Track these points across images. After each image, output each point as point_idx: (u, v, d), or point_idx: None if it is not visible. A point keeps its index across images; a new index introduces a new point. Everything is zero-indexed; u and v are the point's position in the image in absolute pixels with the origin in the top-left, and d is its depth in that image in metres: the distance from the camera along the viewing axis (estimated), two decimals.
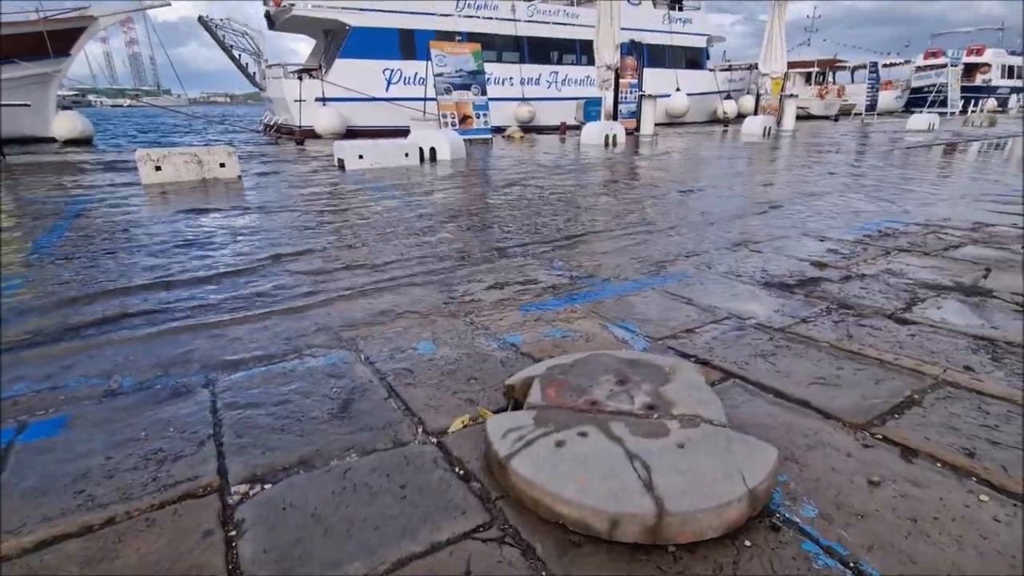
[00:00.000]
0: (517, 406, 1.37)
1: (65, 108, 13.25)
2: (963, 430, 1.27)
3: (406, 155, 7.34)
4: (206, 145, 8.47)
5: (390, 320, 2.02)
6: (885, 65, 28.66)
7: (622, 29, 11.59)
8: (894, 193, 4.70)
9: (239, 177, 6.10)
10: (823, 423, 1.32)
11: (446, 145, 8.13)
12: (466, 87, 11.75)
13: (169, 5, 14.27)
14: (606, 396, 1.25)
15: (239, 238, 3.28)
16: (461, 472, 1.15)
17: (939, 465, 1.15)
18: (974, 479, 1.10)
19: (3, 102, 9.60)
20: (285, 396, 1.49)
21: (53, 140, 12.87)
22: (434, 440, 1.28)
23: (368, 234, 3.38)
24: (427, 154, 8.07)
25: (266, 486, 1.12)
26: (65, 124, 12.63)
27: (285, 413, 1.41)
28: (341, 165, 7.07)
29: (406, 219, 3.81)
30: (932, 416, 1.33)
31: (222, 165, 6.11)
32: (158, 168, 5.79)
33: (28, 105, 10.69)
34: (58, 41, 12.29)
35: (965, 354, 1.67)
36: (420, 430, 1.33)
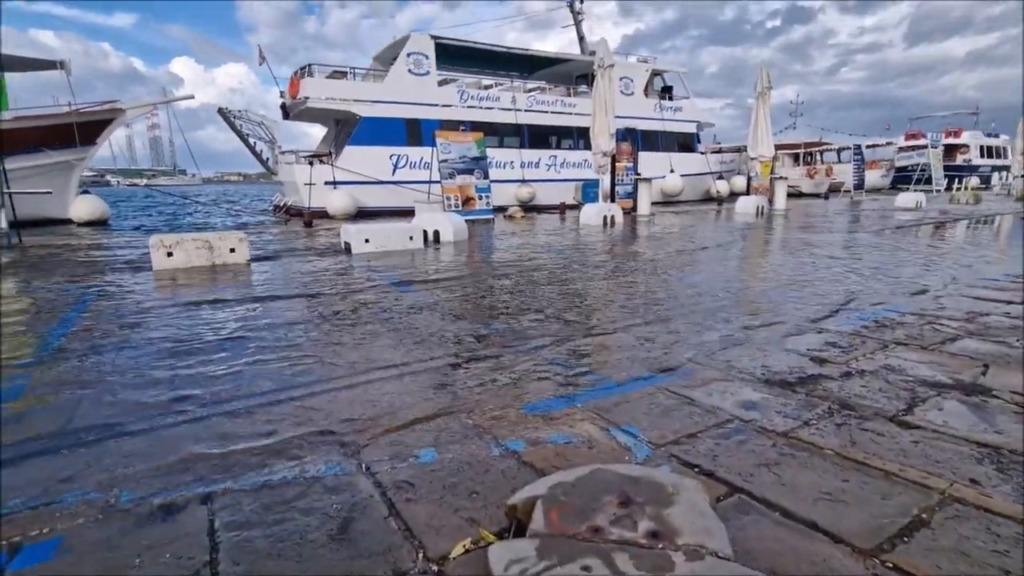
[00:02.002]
0: (520, 527, 1.35)
1: (84, 191, 13.81)
2: (974, 556, 1.24)
3: (411, 238, 7.57)
4: (218, 230, 8.75)
5: (391, 421, 2.02)
6: (869, 146, 30.10)
7: (617, 117, 12.30)
8: (888, 279, 4.80)
9: (248, 263, 6.27)
10: (832, 548, 1.29)
11: (449, 228, 8.41)
12: (469, 171, 12.32)
13: (192, 98, 15.29)
14: (609, 522, 1.23)
15: (237, 337, 3.34)
16: None
17: None
18: None
19: (26, 190, 10.03)
20: (283, 513, 1.47)
21: (70, 222, 13.34)
22: (435, 568, 1.25)
23: (370, 326, 3.43)
24: (431, 236, 8.33)
25: None
26: (83, 207, 13.14)
27: (284, 534, 1.39)
28: (347, 248, 7.28)
29: (407, 310, 3.88)
30: (942, 539, 1.31)
31: (232, 250, 6.29)
32: (170, 254, 5.96)
33: (50, 193, 11.17)
34: (86, 132, 13.05)
35: (970, 464, 1.66)
36: (421, 555, 1.30)
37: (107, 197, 16.13)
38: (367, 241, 7.20)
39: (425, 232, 8.21)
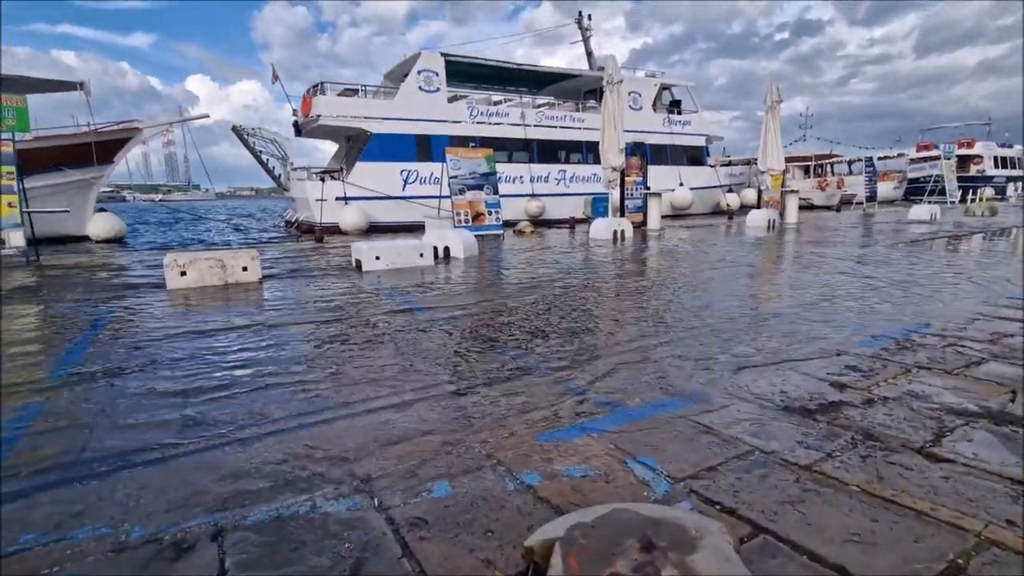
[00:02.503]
0: (537, 570, 1.30)
1: (101, 209, 14.07)
2: None
3: (421, 255, 7.59)
4: (231, 248, 8.82)
5: (403, 452, 1.99)
6: (880, 158, 29.90)
7: (626, 131, 12.34)
8: (906, 296, 4.71)
9: (260, 281, 6.31)
10: None
11: (459, 244, 8.43)
12: (479, 187, 12.38)
13: (207, 117, 15.57)
14: (631, 568, 1.19)
15: (249, 364, 3.34)
16: None
17: None
18: None
19: (44, 209, 10.22)
20: (294, 552, 1.44)
21: (88, 239, 13.57)
22: None
23: (380, 351, 3.42)
24: (441, 253, 8.36)
25: None
26: (101, 225, 13.37)
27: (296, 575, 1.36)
28: (358, 266, 7.31)
29: (417, 333, 3.87)
30: None
31: (244, 269, 6.33)
32: (183, 273, 6.01)
33: (68, 211, 11.38)
34: (104, 150, 13.31)
35: (1005, 502, 1.59)
36: None
37: (123, 212, 16.43)
38: (377, 259, 7.22)
39: (435, 248, 8.23)
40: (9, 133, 8.29)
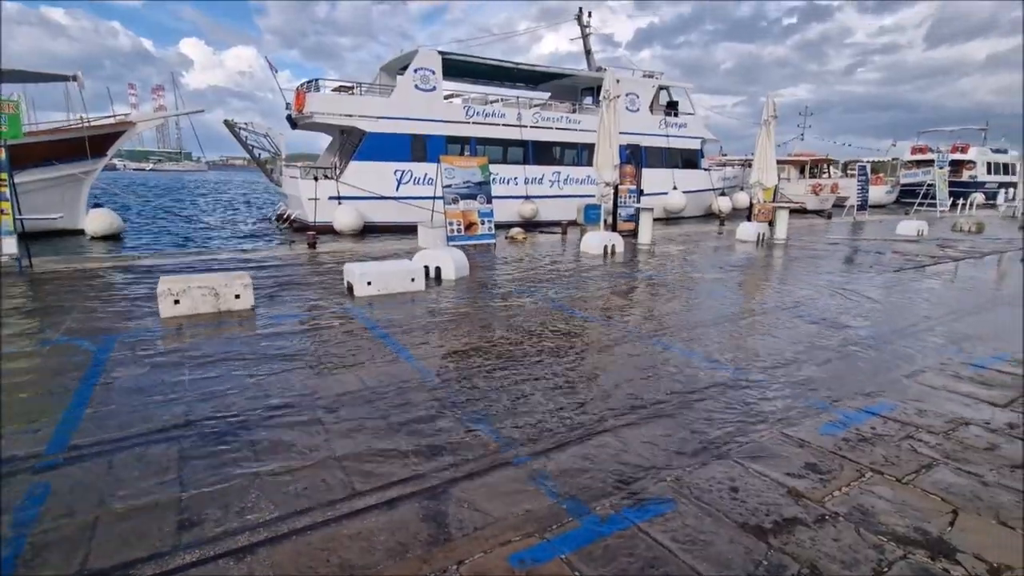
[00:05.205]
0: None
1: (96, 204, 13.98)
2: None
3: (412, 280, 7.70)
4: (225, 270, 8.87)
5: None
6: (873, 161, 30.13)
7: (622, 133, 12.40)
8: (877, 363, 4.91)
9: (253, 309, 6.41)
10: None
11: (451, 264, 8.55)
12: (472, 196, 12.40)
13: (202, 112, 15.42)
14: None
15: (240, 431, 3.46)
16: None
17: None
18: None
19: (37, 216, 10.18)
20: None
21: (82, 233, 13.52)
22: None
23: (360, 420, 3.56)
24: (432, 273, 8.48)
25: None
26: (97, 222, 13.34)
27: None
28: (350, 289, 7.41)
29: (397, 398, 4.01)
30: None
31: (237, 296, 6.43)
32: (176, 302, 6.11)
33: (61, 217, 11.34)
34: (96, 144, 13.20)
35: None
36: None
37: (115, 181, 16.22)
38: (369, 283, 7.32)
39: (427, 268, 8.35)
40: (2, 140, 8.24)
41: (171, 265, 9.27)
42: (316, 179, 15.19)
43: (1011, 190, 33.88)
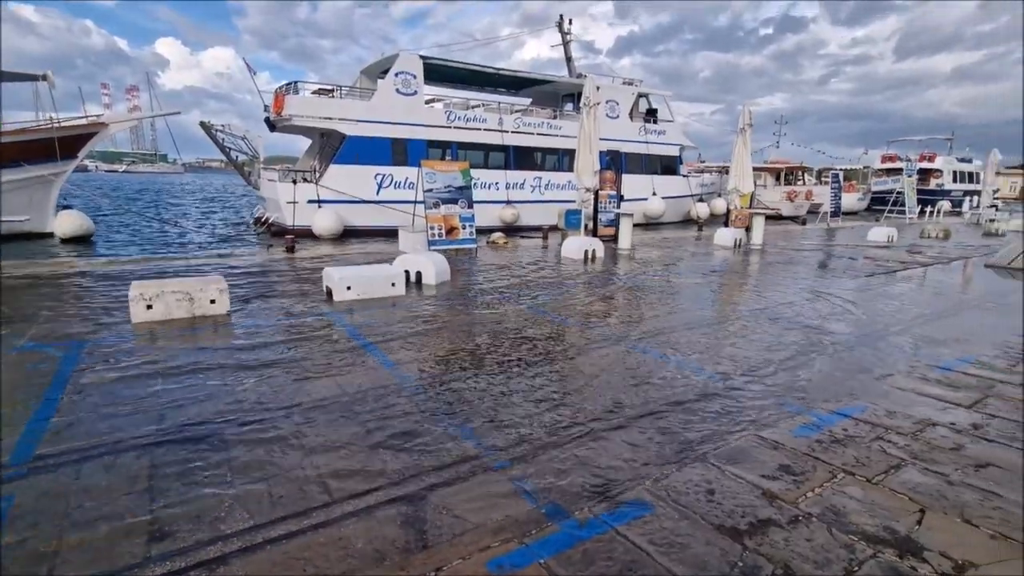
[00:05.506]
0: None
1: (66, 205, 13.61)
2: None
3: (393, 284, 7.64)
4: (200, 274, 8.72)
5: None
6: (846, 169, 30.98)
7: (602, 139, 12.51)
8: (850, 366, 5.04)
9: (229, 314, 6.29)
10: None
11: (431, 269, 8.51)
12: (453, 201, 12.37)
13: (179, 113, 15.12)
14: None
15: (214, 444, 3.40)
16: None
17: None
18: None
19: (3, 218, 9.88)
20: None
21: (51, 235, 13.13)
22: None
23: (338, 427, 3.52)
24: (413, 278, 8.44)
25: None
26: (67, 223, 12.98)
27: None
28: (329, 294, 7.33)
29: (378, 404, 3.98)
30: None
31: (212, 301, 6.31)
32: (149, 307, 5.96)
33: (28, 219, 11.02)
34: (67, 146, 12.85)
35: None
36: None
37: (86, 183, 15.81)
38: (348, 288, 7.25)
39: (407, 273, 8.31)
40: None
41: (144, 269, 9.06)
42: (295, 182, 15.00)
43: (975, 198, 35.14)
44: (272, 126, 17.23)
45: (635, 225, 14.33)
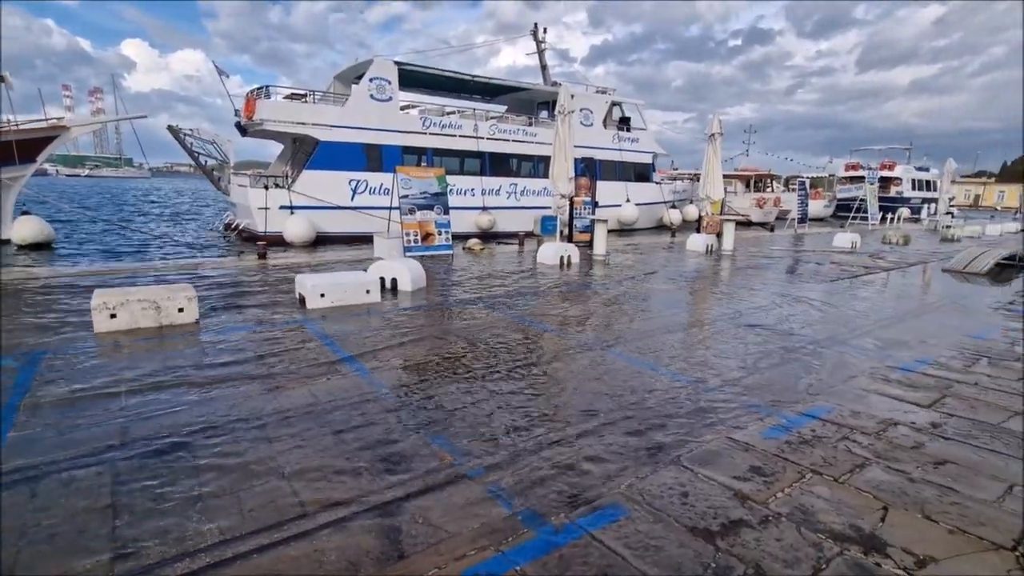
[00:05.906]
0: None
1: (25, 211, 13.10)
2: None
3: (367, 291, 7.56)
4: (168, 282, 8.48)
5: None
6: (812, 177, 31.99)
7: (576, 147, 12.64)
8: (816, 365, 5.18)
9: (197, 322, 6.13)
10: None
11: (407, 275, 8.45)
12: (429, 207, 12.35)
13: (145, 117, 14.73)
14: None
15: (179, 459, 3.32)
16: None
17: None
18: None
19: None
20: None
21: (8, 242, 12.62)
22: None
23: (306, 438, 3.47)
24: (388, 284, 8.36)
25: None
26: (25, 229, 12.50)
27: None
28: (302, 301, 7.21)
29: (351, 411, 3.94)
30: None
31: (180, 310, 6.14)
32: (113, 316, 5.77)
33: None
34: (26, 149, 12.38)
35: None
36: None
37: (45, 189, 15.27)
38: (322, 296, 7.15)
39: (383, 280, 8.23)
40: None
41: (108, 277, 8.76)
42: (266, 188, 14.74)
43: (933, 205, 36.68)
44: (243, 131, 16.92)
45: (609, 231, 14.49)
